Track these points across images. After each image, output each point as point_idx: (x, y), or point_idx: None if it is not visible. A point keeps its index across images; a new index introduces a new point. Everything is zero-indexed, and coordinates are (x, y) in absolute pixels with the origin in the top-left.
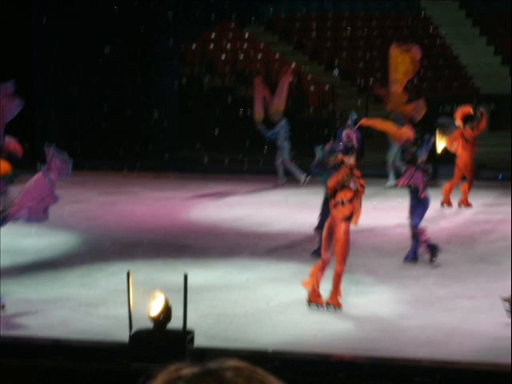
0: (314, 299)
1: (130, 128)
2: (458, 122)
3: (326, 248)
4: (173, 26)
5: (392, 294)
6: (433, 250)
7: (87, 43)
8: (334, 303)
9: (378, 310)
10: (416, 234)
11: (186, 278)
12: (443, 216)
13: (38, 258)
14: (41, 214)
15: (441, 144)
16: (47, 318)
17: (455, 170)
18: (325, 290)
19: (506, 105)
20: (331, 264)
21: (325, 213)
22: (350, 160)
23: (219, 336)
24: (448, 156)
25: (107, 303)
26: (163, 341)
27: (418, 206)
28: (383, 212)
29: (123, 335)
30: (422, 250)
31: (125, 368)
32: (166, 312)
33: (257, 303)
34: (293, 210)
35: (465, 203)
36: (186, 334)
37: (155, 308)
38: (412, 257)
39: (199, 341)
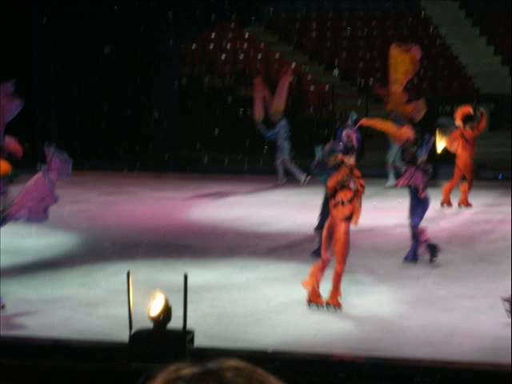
0: (313, 299)
1: (130, 128)
2: (458, 122)
3: (326, 248)
4: (173, 26)
5: (392, 294)
6: (433, 250)
7: (87, 43)
8: (334, 303)
9: (378, 309)
10: (416, 233)
11: (186, 278)
12: (443, 216)
13: (38, 258)
14: (41, 214)
15: (441, 144)
16: (47, 318)
17: (455, 170)
18: (325, 290)
19: (506, 105)
20: (331, 264)
21: (325, 213)
22: (350, 160)
23: (219, 336)
24: (448, 156)
25: (107, 303)
26: (163, 341)
27: (418, 206)
28: (383, 212)
29: (123, 335)
30: (421, 249)
31: (125, 368)
32: (166, 312)
33: (257, 303)
34: (293, 210)
35: (465, 203)
36: (185, 334)
37: (155, 308)
38: (412, 257)
39: (199, 341)
